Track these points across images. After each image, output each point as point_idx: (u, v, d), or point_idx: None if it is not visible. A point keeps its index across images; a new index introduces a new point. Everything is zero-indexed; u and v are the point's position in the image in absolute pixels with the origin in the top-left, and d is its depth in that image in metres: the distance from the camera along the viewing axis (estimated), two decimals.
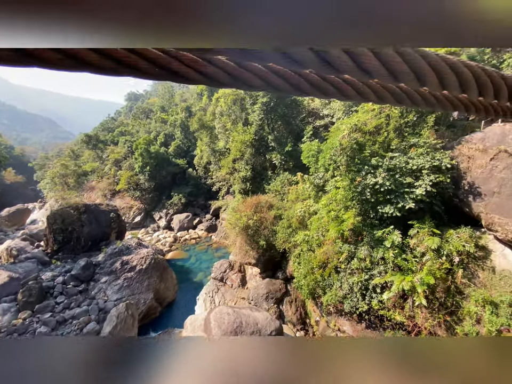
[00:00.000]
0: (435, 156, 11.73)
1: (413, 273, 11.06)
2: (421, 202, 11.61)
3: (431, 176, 11.34)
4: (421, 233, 11.58)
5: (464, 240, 11.23)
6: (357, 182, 12.68)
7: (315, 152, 17.82)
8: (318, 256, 13.96)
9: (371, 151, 12.77)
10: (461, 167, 12.43)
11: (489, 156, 12.06)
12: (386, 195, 11.95)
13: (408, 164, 11.86)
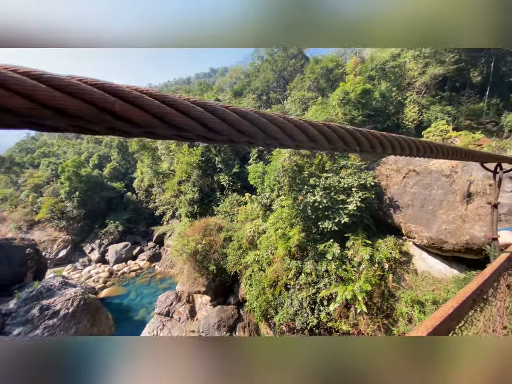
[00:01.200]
0: (361, 175, 13.47)
1: (353, 282, 12.03)
2: (353, 216, 13.00)
3: (360, 193, 12.91)
4: (356, 244, 12.85)
5: (390, 248, 12.90)
6: (299, 200, 13.56)
7: (261, 174, 18.55)
8: (269, 275, 14.04)
9: (309, 172, 13.94)
10: (381, 185, 14.54)
11: (402, 175, 14.48)
12: (324, 211, 13.03)
13: (340, 183, 13.30)
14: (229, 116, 0.32)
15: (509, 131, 21.91)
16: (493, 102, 25.04)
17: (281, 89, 30.13)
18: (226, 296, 18.09)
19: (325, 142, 0.38)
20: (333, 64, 24.93)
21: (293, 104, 24.71)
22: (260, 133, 0.34)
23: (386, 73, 21.42)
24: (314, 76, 24.61)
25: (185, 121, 0.29)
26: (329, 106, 17.00)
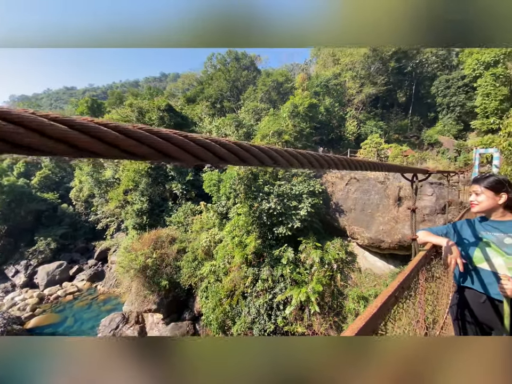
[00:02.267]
0: (310, 183, 14.40)
1: (306, 284, 12.61)
2: (305, 221, 13.74)
3: (310, 199, 13.75)
4: (308, 248, 13.57)
5: (337, 249, 13.96)
6: (255, 207, 13.78)
7: (216, 182, 18.32)
8: (226, 285, 13.78)
9: (264, 180, 14.33)
10: (328, 191, 15.76)
11: (345, 182, 15.93)
12: (279, 217, 13.49)
13: (292, 190, 13.98)
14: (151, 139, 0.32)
15: (428, 144, 26.16)
16: (415, 119, 29.68)
17: (235, 99, 30.61)
18: (180, 312, 17.07)
19: (234, 159, 0.41)
20: (283, 78, 26.45)
21: (247, 114, 25.30)
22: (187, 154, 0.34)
23: (330, 90, 23.64)
24: (266, 88, 25.73)
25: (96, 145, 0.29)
26: (280, 118, 17.89)
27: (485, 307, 1.36)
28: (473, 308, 1.39)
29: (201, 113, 28.93)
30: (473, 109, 25.78)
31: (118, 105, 33.46)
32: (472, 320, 1.41)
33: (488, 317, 1.37)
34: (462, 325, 1.44)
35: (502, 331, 1.27)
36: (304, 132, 17.63)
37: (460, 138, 26.15)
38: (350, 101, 26.77)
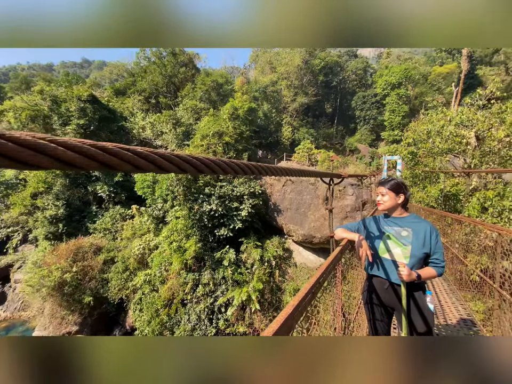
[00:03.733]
0: (251, 184, 14.78)
1: (247, 283, 12.88)
2: (246, 222, 14.02)
3: (250, 200, 14.11)
4: (249, 247, 13.89)
5: (276, 247, 14.71)
6: (195, 210, 13.34)
7: (151, 183, 16.98)
8: (163, 294, 12.89)
9: (204, 181, 14.01)
10: (267, 192, 16.48)
11: (282, 184, 16.93)
12: (220, 219, 13.40)
13: (233, 191, 14.09)
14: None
15: (349, 150, 30.09)
16: (339, 128, 33.80)
17: (172, 95, 29.05)
18: (109, 329, 15.14)
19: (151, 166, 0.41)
20: (223, 79, 26.44)
21: (185, 112, 24.32)
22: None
23: (268, 96, 24.83)
24: (206, 88, 25.28)
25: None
26: (220, 119, 17.82)
27: (388, 291, 1.64)
28: (379, 293, 1.67)
29: (132, 107, 26.40)
30: (382, 122, 30.94)
31: (23, 91, 27.59)
32: (378, 303, 1.68)
33: (391, 300, 1.65)
34: (370, 308, 1.71)
35: (401, 310, 1.56)
36: (244, 135, 18.02)
37: (373, 146, 31.02)
38: (286, 108, 28.68)
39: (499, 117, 9.54)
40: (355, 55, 42.60)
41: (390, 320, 1.75)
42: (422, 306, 1.56)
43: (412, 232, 1.60)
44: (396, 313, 1.67)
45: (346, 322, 1.86)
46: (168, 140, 21.71)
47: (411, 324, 1.53)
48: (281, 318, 0.62)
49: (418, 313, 1.55)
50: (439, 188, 9.57)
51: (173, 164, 0.47)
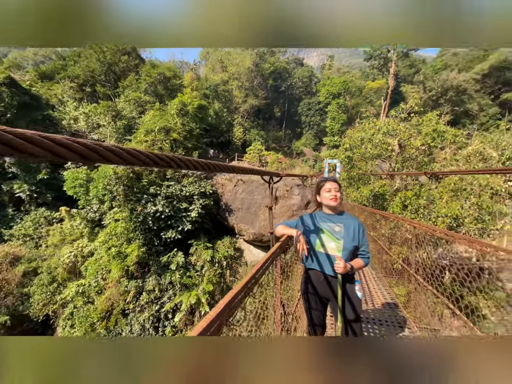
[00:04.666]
0: (201, 184, 14.38)
1: (197, 286, 12.48)
2: (196, 223, 13.57)
3: (201, 200, 13.71)
4: (199, 249, 13.48)
5: (227, 247, 14.63)
6: (139, 211, 12.32)
7: (84, 181, 15.03)
8: (100, 305, 11.55)
9: (149, 180, 13.05)
10: (218, 192, 16.27)
11: (233, 184, 16.93)
12: (167, 221, 12.66)
13: (182, 191, 13.48)
14: None
15: (296, 153, 31.87)
16: (287, 132, 35.52)
17: (112, 85, 26.26)
18: None
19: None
20: (170, 73, 25.05)
21: (128, 105, 22.26)
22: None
23: (219, 95, 24.54)
24: (152, 80, 23.58)
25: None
26: (167, 114, 16.85)
27: (323, 283, 1.77)
28: (315, 285, 1.79)
29: (62, 94, 22.99)
30: (325, 128, 33.69)
31: None
32: (314, 294, 1.80)
33: (326, 291, 1.78)
34: (307, 299, 1.83)
35: (335, 301, 1.69)
36: (194, 132, 17.41)
37: (317, 150, 33.53)
38: (237, 108, 28.82)
39: (417, 128, 11.36)
40: (301, 63, 45.37)
41: (325, 310, 1.89)
42: (351, 295, 1.73)
43: (343, 227, 1.75)
44: (331, 303, 1.81)
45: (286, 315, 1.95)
46: (106, 134, 19.56)
47: (343, 312, 1.67)
48: (211, 315, 0.60)
49: (349, 302, 1.71)
50: (369, 188, 10.88)
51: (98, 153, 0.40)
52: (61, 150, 0.35)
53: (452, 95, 33.12)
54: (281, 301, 1.69)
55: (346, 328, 1.70)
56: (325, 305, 1.87)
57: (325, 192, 1.80)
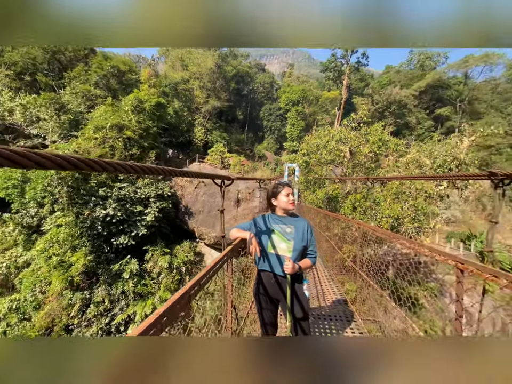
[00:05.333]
0: (158, 186, 13.68)
1: (153, 295, 11.77)
2: (152, 227, 12.84)
3: (158, 203, 13.02)
4: (155, 255, 12.76)
5: (186, 252, 14.12)
6: (86, 215, 11.18)
7: (19, 182, 13.10)
8: (38, 322, 10.15)
9: (98, 181, 11.95)
10: (178, 194, 15.66)
11: (194, 186, 16.46)
12: (119, 226, 11.74)
13: (137, 194, 12.65)
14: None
15: (258, 157, 32.38)
16: (250, 135, 35.91)
17: (56, 75, 23.45)
18: None
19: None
20: (126, 67, 23.39)
21: (75, 98, 20.10)
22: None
23: (179, 94, 23.68)
24: (104, 73, 21.68)
25: None
26: (121, 111, 15.68)
27: (274, 284, 1.82)
28: (266, 286, 1.83)
29: None
30: (285, 133, 34.93)
31: None
32: (265, 295, 1.84)
33: (276, 292, 1.84)
34: (259, 300, 1.86)
35: (285, 301, 1.75)
36: (151, 131, 16.49)
37: (278, 154, 34.58)
38: (198, 108, 28.17)
39: (365, 137, 12.48)
40: (263, 69, 46.47)
41: (277, 310, 1.95)
42: (300, 295, 1.81)
43: (294, 229, 1.84)
44: (281, 303, 1.88)
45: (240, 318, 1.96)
46: (48, 129, 17.40)
47: (292, 311, 1.74)
48: (151, 317, 0.58)
49: (297, 301, 1.79)
50: (324, 191, 11.60)
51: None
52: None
53: (395, 108, 37.25)
54: (233, 305, 1.70)
55: (295, 327, 1.78)
56: (276, 306, 1.92)
57: (283, 197, 1.85)
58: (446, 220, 20.38)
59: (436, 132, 35.21)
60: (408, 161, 12.22)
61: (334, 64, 42.89)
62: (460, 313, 1.29)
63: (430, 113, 40.43)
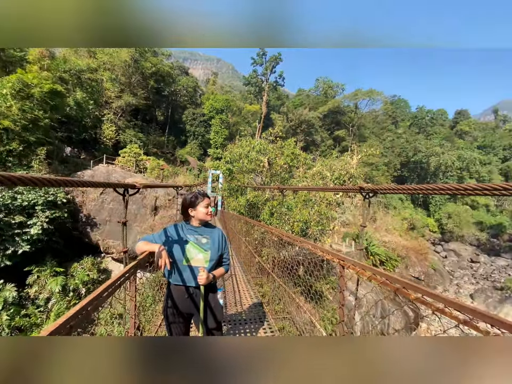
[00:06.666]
0: (49, 191, 11.16)
1: (38, 327, 9.37)
2: (38, 243, 10.31)
3: (47, 212, 10.59)
4: (43, 278, 10.25)
5: (88, 269, 11.92)
6: None
7: None
8: None
9: None
10: (77, 201, 13.17)
11: (99, 191, 14.20)
12: None
13: (16, 200, 9.95)
14: None
15: (180, 161, 30.89)
16: (171, 138, 33.94)
17: None
18: None
19: None
20: None
21: None
22: None
23: (83, 83, 20.20)
24: None
25: None
26: None
27: (187, 299, 1.75)
28: (177, 301, 1.73)
29: None
30: (209, 140, 34.77)
31: None
32: (176, 310, 1.75)
33: (188, 306, 1.76)
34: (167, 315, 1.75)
35: (198, 313, 1.71)
36: (41, 123, 13.36)
37: (201, 160, 33.99)
38: (109, 103, 24.77)
39: (281, 150, 13.78)
40: (186, 72, 45.20)
41: (188, 325, 1.87)
42: (214, 305, 1.81)
43: (210, 239, 1.84)
44: (194, 316, 1.82)
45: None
46: None
47: (205, 323, 1.72)
48: (56, 323, 0.47)
49: (211, 312, 1.78)
50: (246, 198, 12.11)
51: None
52: None
53: (305, 127, 42.76)
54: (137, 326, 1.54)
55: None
56: (188, 320, 1.85)
57: (202, 208, 1.82)
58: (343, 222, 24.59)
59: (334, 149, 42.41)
60: (314, 173, 14.19)
61: (255, 79, 45.96)
62: (342, 302, 1.58)
63: (331, 134, 48.43)
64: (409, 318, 15.20)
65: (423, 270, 23.12)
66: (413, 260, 23.55)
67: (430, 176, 44.65)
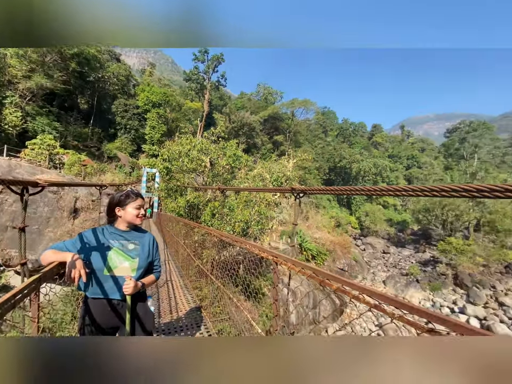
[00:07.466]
0: None
1: None
2: None
3: None
4: None
5: None
6: None
7: None
8: None
9: None
10: None
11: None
12: None
13: None
14: None
15: (108, 157, 27.39)
16: (96, 130, 29.78)
17: None
18: None
19: None
20: None
21: None
22: None
23: None
24: None
25: None
26: None
27: (110, 312, 1.51)
28: (97, 317, 1.49)
29: None
30: (144, 135, 31.98)
31: None
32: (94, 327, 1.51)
33: (113, 321, 1.53)
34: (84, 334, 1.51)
35: (124, 327, 1.51)
36: None
37: (134, 157, 30.96)
38: (13, 83, 20.20)
39: (223, 151, 13.69)
40: (118, 59, 40.53)
41: None
42: (143, 314, 1.64)
43: (139, 245, 1.65)
44: (119, 331, 1.62)
45: None
46: None
47: (133, 335, 1.54)
48: None
49: (139, 323, 1.61)
50: (186, 199, 11.59)
51: None
52: None
53: (246, 130, 43.71)
54: None
55: None
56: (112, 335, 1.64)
57: (132, 209, 1.61)
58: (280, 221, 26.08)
59: (274, 153, 44.69)
60: (255, 175, 14.63)
61: (196, 76, 44.57)
62: (275, 297, 1.65)
63: (270, 138, 50.88)
64: (336, 305, 17.15)
65: (347, 262, 26.39)
66: (338, 254, 26.65)
67: (352, 179, 51.61)
